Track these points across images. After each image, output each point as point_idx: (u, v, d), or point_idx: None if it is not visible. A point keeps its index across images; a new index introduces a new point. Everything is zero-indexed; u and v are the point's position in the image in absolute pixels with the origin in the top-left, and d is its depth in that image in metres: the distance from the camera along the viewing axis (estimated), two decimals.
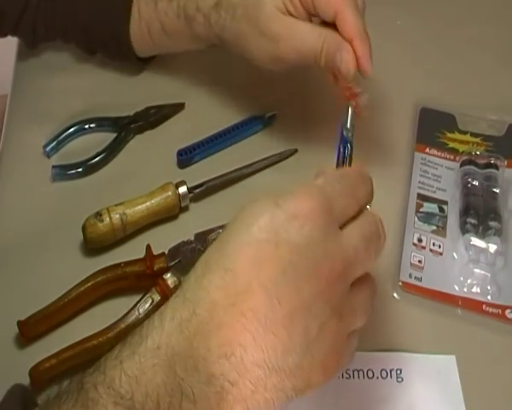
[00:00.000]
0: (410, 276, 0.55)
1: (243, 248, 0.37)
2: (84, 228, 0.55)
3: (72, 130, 0.64)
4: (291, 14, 0.54)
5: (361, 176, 0.42)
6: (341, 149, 0.46)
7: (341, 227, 0.39)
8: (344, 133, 0.47)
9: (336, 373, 0.40)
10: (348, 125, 0.47)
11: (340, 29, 0.52)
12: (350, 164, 0.46)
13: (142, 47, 0.65)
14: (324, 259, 0.37)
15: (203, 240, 0.54)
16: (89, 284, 0.52)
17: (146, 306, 0.50)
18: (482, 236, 0.56)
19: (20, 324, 0.50)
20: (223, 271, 0.37)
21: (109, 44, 0.65)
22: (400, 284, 0.54)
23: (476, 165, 0.60)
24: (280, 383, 0.37)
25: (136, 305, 0.50)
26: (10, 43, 0.70)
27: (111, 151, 0.63)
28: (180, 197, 0.58)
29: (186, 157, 0.62)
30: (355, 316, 0.40)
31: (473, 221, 0.56)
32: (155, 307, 0.50)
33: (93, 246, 0.56)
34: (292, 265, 0.37)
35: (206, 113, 0.66)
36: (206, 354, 0.36)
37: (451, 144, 0.63)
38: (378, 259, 0.42)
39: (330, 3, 0.52)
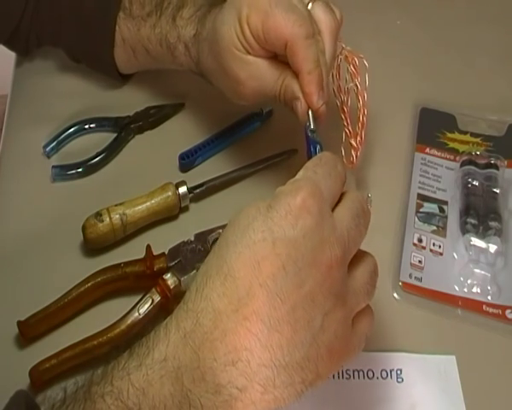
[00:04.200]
0: (410, 276, 0.55)
1: (240, 251, 0.37)
2: (83, 228, 0.55)
3: (72, 130, 0.64)
4: (249, 52, 0.52)
5: (333, 157, 0.43)
6: (313, 151, 0.48)
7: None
8: (310, 135, 0.49)
9: (346, 359, 0.40)
10: (312, 127, 0.50)
11: (289, 62, 0.51)
12: None
13: (127, 66, 0.66)
14: (323, 246, 0.37)
15: (203, 240, 0.54)
16: (89, 284, 0.52)
17: (146, 306, 0.50)
18: (482, 236, 0.56)
19: (20, 324, 0.50)
20: (223, 277, 0.37)
21: (93, 63, 0.66)
22: (400, 284, 0.54)
23: (476, 165, 0.60)
24: (289, 378, 0.37)
25: (136, 305, 0.50)
26: None
27: (111, 151, 0.63)
28: (180, 197, 0.58)
29: (188, 161, 0.62)
30: (358, 298, 0.40)
31: (473, 221, 0.56)
32: (155, 308, 0.50)
33: (93, 246, 0.56)
34: (291, 259, 0.37)
35: (206, 112, 0.66)
36: (212, 363, 0.36)
37: (451, 144, 0.63)
38: (378, 259, 0.42)
39: (279, 36, 0.49)
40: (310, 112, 0.51)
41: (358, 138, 0.56)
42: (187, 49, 0.59)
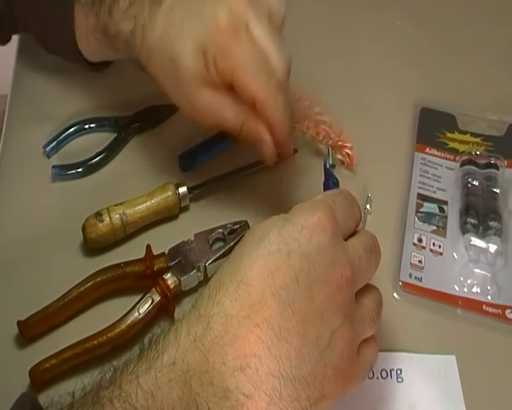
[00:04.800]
0: (410, 276, 0.55)
1: (255, 260, 0.39)
2: (84, 228, 0.55)
3: (72, 130, 0.64)
4: (209, 85, 0.50)
5: (352, 196, 0.45)
6: (331, 183, 0.52)
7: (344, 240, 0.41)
8: (330, 170, 0.54)
9: (350, 383, 0.40)
10: (331, 162, 0.54)
11: (259, 114, 0.50)
12: None
13: (90, 55, 0.63)
14: (334, 265, 0.39)
15: (203, 240, 0.54)
16: (89, 284, 0.52)
17: (146, 306, 0.50)
18: (482, 236, 0.56)
19: (20, 324, 0.50)
20: (236, 284, 0.38)
21: (61, 52, 0.64)
22: (400, 284, 0.54)
23: (476, 165, 0.60)
24: (295, 392, 0.37)
25: (136, 305, 0.50)
26: (10, 43, 0.69)
27: (111, 151, 0.63)
28: (180, 197, 0.58)
29: (188, 161, 0.62)
30: (364, 325, 0.41)
31: (473, 221, 0.56)
32: (155, 307, 0.50)
33: (93, 246, 0.55)
34: (304, 272, 0.38)
35: None
36: (221, 367, 0.36)
37: (451, 144, 0.63)
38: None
39: (247, 94, 0.49)
40: (330, 149, 0.54)
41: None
42: (126, 44, 0.55)
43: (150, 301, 0.50)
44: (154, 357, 0.37)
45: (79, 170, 0.61)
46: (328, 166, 0.53)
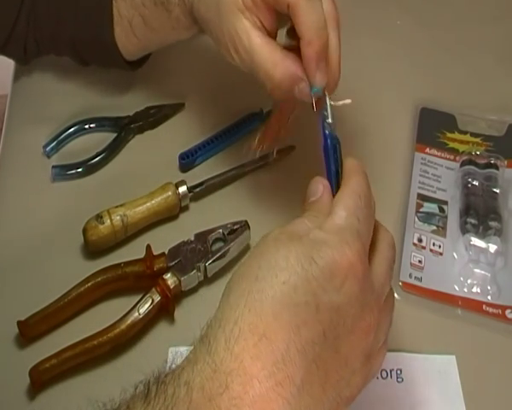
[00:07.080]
0: (410, 276, 0.55)
1: (279, 312, 0.35)
2: (84, 231, 0.55)
3: (72, 130, 0.64)
4: (251, 11, 0.48)
5: (369, 195, 0.41)
6: (330, 150, 0.43)
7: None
8: (327, 131, 0.43)
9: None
10: (329, 120, 0.44)
11: (294, 24, 0.47)
12: (341, 162, 0.43)
13: (128, 48, 0.62)
14: (363, 313, 0.37)
15: (203, 240, 0.54)
16: (89, 284, 0.52)
17: (146, 306, 0.50)
18: (482, 236, 0.56)
19: (20, 324, 0.50)
20: (257, 338, 0.35)
21: (97, 54, 0.64)
22: (400, 284, 0.54)
23: (476, 165, 0.60)
24: None
25: (136, 305, 0.50)
26: None
27: (111, 151, 0.63)
28: (180, 197, 0.58)
29: (188, 161, 0.62)
30: (379, 352, 0.40)
31: (473, 221, 0.56)
32: (155, 307, 0.50)
33: (94, 249, 0.55)
34: (332, 324, 0.36)
35: (206, 112, 0.66)
36: None
37: (451, 144, 0.63)
38: None
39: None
40: (328, 100, 0.45)
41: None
42: None
43: (150, 301, 0.50)
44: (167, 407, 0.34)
45: (79, 170, 0.61)
46: (326, 124, 0.44)
